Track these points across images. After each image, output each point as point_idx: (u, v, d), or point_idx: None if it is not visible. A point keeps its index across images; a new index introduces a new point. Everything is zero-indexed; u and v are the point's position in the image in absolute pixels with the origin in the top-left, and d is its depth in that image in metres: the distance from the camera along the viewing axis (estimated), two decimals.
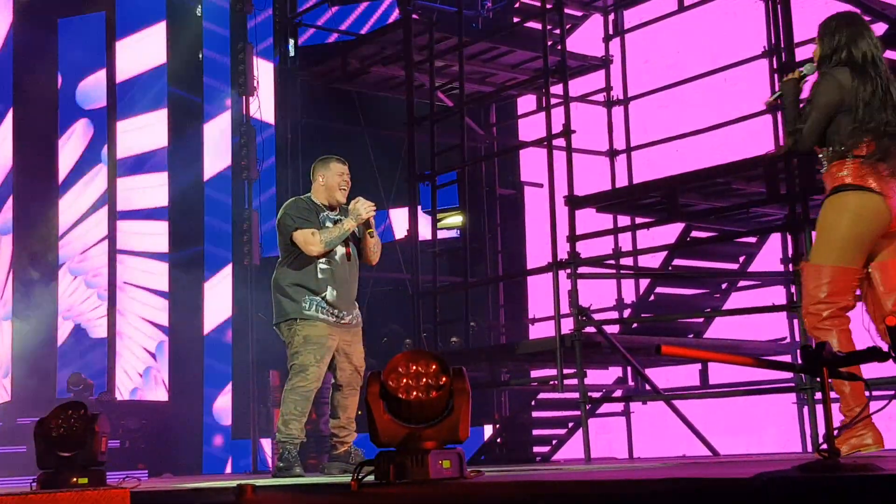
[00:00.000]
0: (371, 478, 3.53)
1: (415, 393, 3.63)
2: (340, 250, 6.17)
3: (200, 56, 11.41)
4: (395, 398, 3.60)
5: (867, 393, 4.34)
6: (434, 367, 3.66)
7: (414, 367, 3.66)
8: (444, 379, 3.64)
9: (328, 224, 6.15)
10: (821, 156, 4.52)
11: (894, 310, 4.39)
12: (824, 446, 2.90)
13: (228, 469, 10.39)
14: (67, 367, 11.18)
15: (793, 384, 7.24)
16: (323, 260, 6.10)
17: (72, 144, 12.38)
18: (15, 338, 11.45)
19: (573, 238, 7.82)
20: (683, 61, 9.32)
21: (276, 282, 6.23)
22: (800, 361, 5.73)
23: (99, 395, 10.44)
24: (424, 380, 3.66)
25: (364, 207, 6.09)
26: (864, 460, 3.12)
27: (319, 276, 6.10)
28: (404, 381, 3.65)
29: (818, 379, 3.04)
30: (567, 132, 8.03)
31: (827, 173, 4.49)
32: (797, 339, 7.96)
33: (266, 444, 9.58)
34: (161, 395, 11.48)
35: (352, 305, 6.21)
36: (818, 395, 6.53)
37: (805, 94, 4.62)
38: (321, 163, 6.37)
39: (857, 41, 4.49)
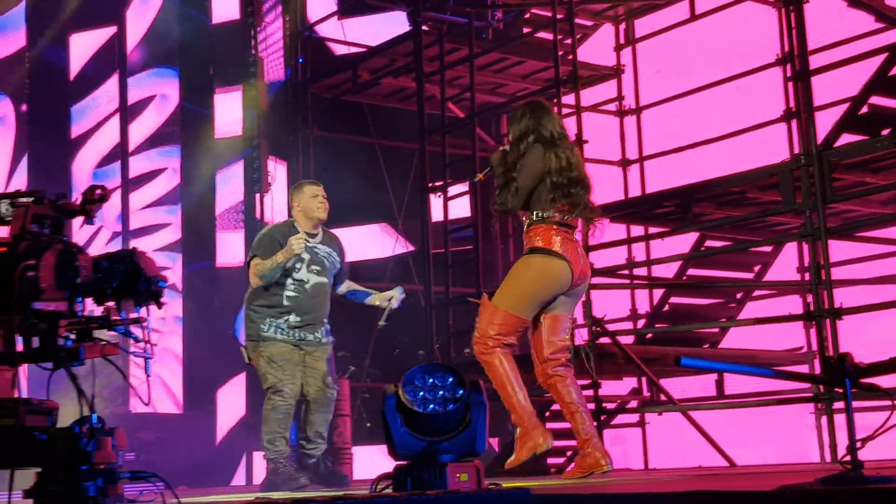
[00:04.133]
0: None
1: (431, 406, 3.61)
2: (313, 279, 6.28)
3: (211, 70, 11.42)
4: (411, 411, 3.58)
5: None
6: (450, 379, 3.64)
7: (430, 380, 3.64)
8: (460, 391, 3.62)
9: (304, 255, 6.25)
10: (524, 219, 5.18)
11: (549, 357, 5.18)
12: (847, 458, 2.86)
13: (243, 482, 10.35)
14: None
15: (810, 394, 7.18)
16: (291, 287, 6.23)
17: (85, 160, 12.41)
18: None
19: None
20: (696, 70, 9.28)
21: (246, 301, 6.38)
22: (818, 371, 5.70)
23: (113, 408, 10.42)
24: (441, 392, 3.63)
25: (297, 244, 6.12)
26: (887, 471, 3.08)
27: (285, 302, 6.25)
28: (421, 393, 3.63)
29: (839, 390, 3.01)
30: (579, 142, 8.00)
31: (526, 234, 5.18)
32: (814, 348, 7.91)
33: None
34: (175, 407, 11.46)
35: (317, 329, 6.30)
36: (836, 405, 6.48)
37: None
38: (295, 189, 6.53)
39: (544, 122, 5.20)
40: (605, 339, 7.66)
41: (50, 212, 3.21)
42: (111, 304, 3.21)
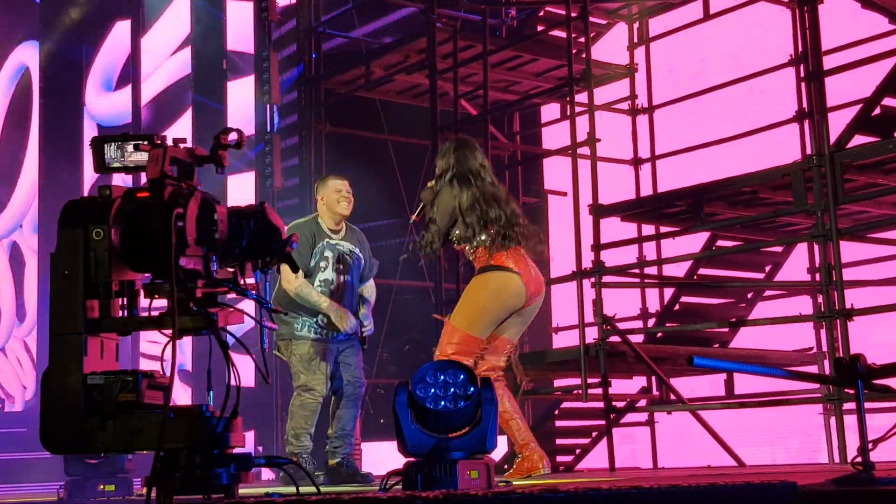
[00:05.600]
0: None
1: (442, 403, 3.62)
2: (338, 279, 6.33)
3: (224, 65, 11.43)
4: (422, 408, 3.59)
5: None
6: (462, 376, 3.65)
7: (442, 377, 3.65)
8: (471, 389, 3.63)
9: (327, 253, 6.29)
10: (467, 247, 5.51)
11: (482, 372, 5.33)
12: (858, 459, 2.87)
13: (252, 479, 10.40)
14: None
15: (820, 395, 7.18)
16: (322, 287, 6.26)
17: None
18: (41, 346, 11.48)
19: (597, 247, 7.79)
20: (708, 69, 9.27)
21: (276, 300, 6.36)
22: (828, 372, 5.69)
23: None
24: (452, 389, 3.65)
25: (343, 324, 6.24)
26: None
27: None
28: (432, 390, 3.64)
29: (851, 391, 3.02)
30: (591, 141, 7.99)
31: (474, 258, 5.50)
32: (824, 348, 7.90)
33: None
34: (184, 401, 11.50)
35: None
36: (846, 406, 6.48)
37: None
38: (320, 182, 6.54)
39: (467, 159, 5.57)
40: (615, 338, 7.67)
41: (185, 157, 2.77)
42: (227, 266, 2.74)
